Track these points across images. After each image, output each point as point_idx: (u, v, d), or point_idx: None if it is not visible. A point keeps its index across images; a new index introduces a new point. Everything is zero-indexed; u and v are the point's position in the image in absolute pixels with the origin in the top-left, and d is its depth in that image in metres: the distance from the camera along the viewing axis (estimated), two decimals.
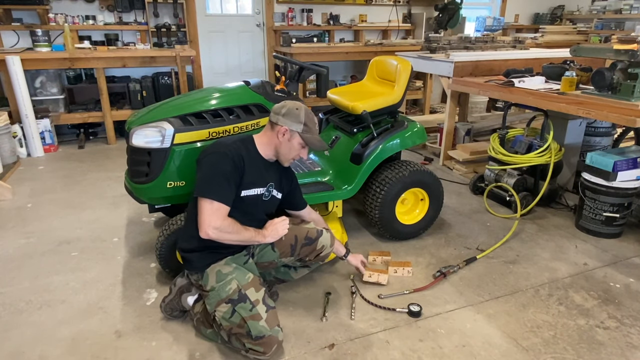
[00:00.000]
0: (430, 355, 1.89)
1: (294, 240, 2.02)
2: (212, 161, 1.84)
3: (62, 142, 4.92)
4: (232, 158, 1.83)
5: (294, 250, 2.03)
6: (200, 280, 1.91)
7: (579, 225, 3.03)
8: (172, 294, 2.08)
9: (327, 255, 2.12)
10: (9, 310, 2.16)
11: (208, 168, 1.83)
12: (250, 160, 1.91)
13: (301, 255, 2.06)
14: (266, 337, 1.76)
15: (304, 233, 2.04)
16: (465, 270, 2.52)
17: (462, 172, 4.04)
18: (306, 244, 2.03)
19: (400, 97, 2.76)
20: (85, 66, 4.70)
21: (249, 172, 1.89)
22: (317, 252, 2.06)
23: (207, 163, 1.85)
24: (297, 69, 2.56)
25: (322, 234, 2.06)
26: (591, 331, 2.05)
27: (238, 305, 1.80)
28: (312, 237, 2.04)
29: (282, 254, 2.04)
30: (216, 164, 1.82)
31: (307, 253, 2.05)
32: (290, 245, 2.02)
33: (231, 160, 1.83)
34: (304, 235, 2.03)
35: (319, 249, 2.06)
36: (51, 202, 3.38)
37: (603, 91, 2.79)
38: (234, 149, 1.86)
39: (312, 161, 2.98)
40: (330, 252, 2.13)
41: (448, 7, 5.52)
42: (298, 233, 2.04)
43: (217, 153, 1.85)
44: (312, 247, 2.04)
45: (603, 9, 7.11)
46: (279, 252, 2.03)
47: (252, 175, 1.91)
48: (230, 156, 1.83)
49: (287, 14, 6.01)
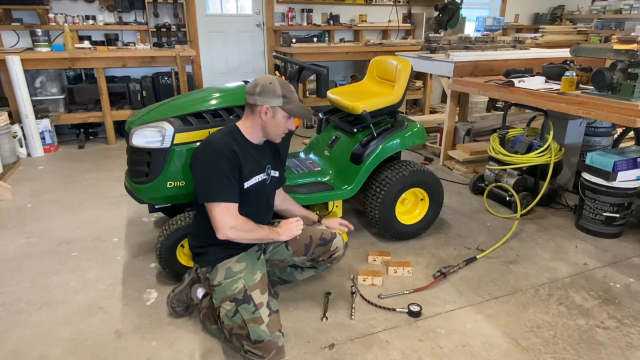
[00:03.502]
0: (430, 355, 1.89)
1: (309, 240, 2.05)
2: (207, 163, 1.80)
3: (62, 142, 4.92)
4: (226, 155, 1.78)
5: (308, 250, 2.05)
6: (209, 274, 1.92)
7: (579, 225, 3.02)
8: (184, 284, 2.10)
9: (340, 257, 2.16)
10: (9, 310, 2.16)
11: (204, 171, 1.79)
12: (242, 151, 1.85)
13: (314, 256, 2.08)
14: (265, 342, 1.76)
15: (319, 234, 2.07)
16: (465, 270, 2.52)
17: (462, 172, 4.04)
18: (321, 245, 2.06)
19: (400, 97, 2.76)
20: (85, 66, 4.70)
21: (246, 163, 1.85)
22: (331, 253, 2.10)
23: (202, 166, 1.81)
24: (297, 69, 2.56)
25: (337, 236, 2.11)
26: (591, 331, 2.05)
27: (241, 305, 1.79)
28: (327, 238, 2.08)
29: (296, 253, 2.06)
30: (211, 165, 1.78)
31: (321, 253, 2.08)
32: (305, 244, 2.04)
33: (225, 157, 1.78)
34: (319, 236, 2.07)
35: (332, 250, 2.09)
36: (51, 202, 3.38)
37: (603, 91, 2.79)
38: (224, 145, 1.80)
39: (312, 161, 2.99)
40: (342, 255, 2.17)
41: (448, 7, 5.51)
42: (313, 233, 2.06)
43: (210, 154, 1.80)
44: (327, 247, 2.08)
45: (603, 9, 7.11)
46: (293, 251, 2.05)
47: (249, 166, 1.87)
48: (222, 153, 1.78)
49: (287, 14, 6.00)
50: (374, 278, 2.37)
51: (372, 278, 2.37)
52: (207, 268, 1.94)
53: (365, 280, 2.37)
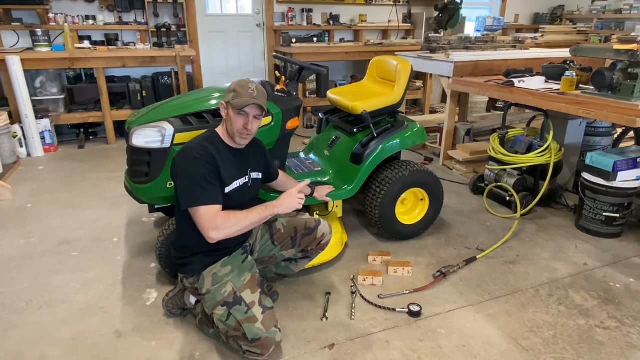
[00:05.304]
0: (430, 355, 1.89)
1: (294, 232, 2.04)
2: (185, 169, 1.78)
3: (62, 142, 4.92)
4: (204, 159, 1.77)
5: (295, 242, 2.05)
6: (197, 284, 1.90)
7: (579, 225, 3.03)
8: (176, 289, 2.09)
9: (328, 242, 2.14)
10: (9, 310, 2.16)
11: (184, 178, 1.77)
12: (220, 155, 1.84)
13: (302, 246, 2.07)
14: (263, 339, 1.75)
15: (303, 224, 2.06)
16: (465, 270, 2.52)
17: (462, 172, 4.04)
18: (306, 234, 2.05)
19: (400, 97, 2.76)
20: (85, 66, 4.70)
21: (224, 168, 1.83)
22: (319, 241, 2.09)
23: (181, 174, 1.79)
24: (297, 69, 2.56)
25: (321, 223, 2.09)
26: (591, 331, 2.05)
27: (233, 308, 1.79)
28: (312, 226, 2.06)
29: (283, 247, 2.05)
30: (189, 171, 1.76)
31: (309, 243, 2.07)
32: (291, 237, 2.04)
33: (203, 162, 1.76)
34: (303, 225, 2.05)
35: (319, 237, 2.08)
36: (51, 202, 3.38)
37: (603, 91, 2.79)
38: (202, 150, 1.79)
39: (312, 161, 2.99)
40: (330, 239, 2.14)
41: (448, 7, 5.51)
42: (297, 224, 2.05)
43: (186, 161, 1.78)
44: (313, 236, 2.06)
45: (603, 9, 7.10)
46: (280, 246, 2.05)
47: (228, 170, 1.85)
48: (200, 159, 1.76)
49: (287, 14, 6.00)
50: (374, 278, 2.37)
51: (372, 278, 2.37)
52: (194, 278, 1.91)
53: (365, 280, 2.37)
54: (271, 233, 2.07)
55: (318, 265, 2.50)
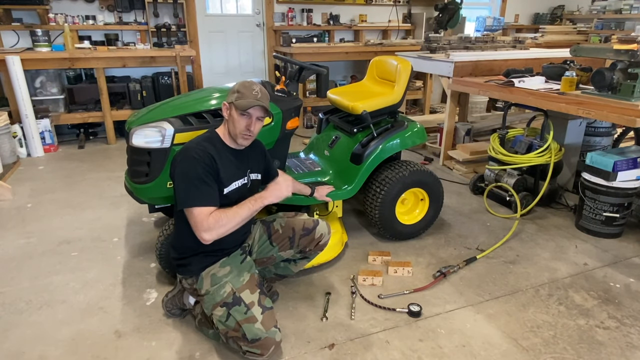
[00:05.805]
0: (430, 355, 1.89)
1: (291, 232, 2.03)
2: (184, 170, 1.78)
3: (62, 142, 4.92)
4: (203, 160, 1.77)
5: (293, 243, 2.04)
6: (195, 284, 1.90)
7: (579, 225, 3.03)
8: (176, 289, 2.09)
9: (327, 243, 2.12)
10: (9, 310, 2.16)
11: (182, 179, 1.77)
12: (220, 156, 1.83)
13: (301, 247, 2.06)
14: (262, 340, 1.75)
15: (301, 224, 2.05)
16: (465, 270, 2.52)
17: (462, 172, 4.04)
18: (304, 235, 2.04)
19: (400, 97, 2.76)
20: (85, 66, 4.70)
21: (223, 169, 1.83)
22: (317, 241, 2.07)
23: (179, 174, 1.78)
24: (297, 69, 2.56)
25: (319, 223, 2.08)
26: (591, 331, 2.05)
27: (233, 308, 1.79)
28: (310, 227, 2.05)
29: (282, 248, 2.05)
30: (188, 172, 1.76)
31: (307, 243, 2.06)
32: (289, 237, 2.03)
33: (201, 162, 1.76)
34: (301, 226, 2.04)
35: (317, 237, 2.06)
36: (51, 202, 3.38)
37: (603, 91, 2.79)
38: (201, 151, 1.78)
39: (312, 161, 2.99)
40: (329, 240, 2.13)
41: (448, 7, 5.51)
42: (295, 225, 2.05)
43: (185, 161, 1.78)
44: (311, 237, 2.05)
45: (603, 9, 7.11)
46: (278, 246, 2.04)
47: (227, 171, 1.85)
48: (199, 159, 1.76)
49: (287, 14, 6.00)
50: (374, 278, 2.37)
51: (372, 278, 2.37)
52: (193, 279, 1.91)
53: (365, 280, 2.37)
54: (269, 233, 2.07)
55: (318, 265, 2.50)
